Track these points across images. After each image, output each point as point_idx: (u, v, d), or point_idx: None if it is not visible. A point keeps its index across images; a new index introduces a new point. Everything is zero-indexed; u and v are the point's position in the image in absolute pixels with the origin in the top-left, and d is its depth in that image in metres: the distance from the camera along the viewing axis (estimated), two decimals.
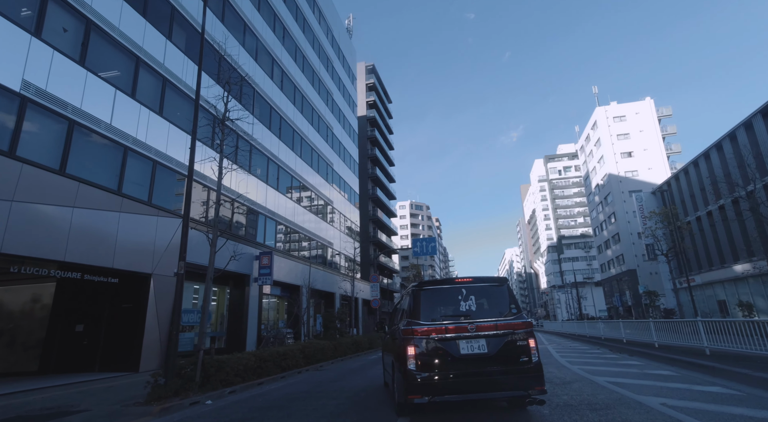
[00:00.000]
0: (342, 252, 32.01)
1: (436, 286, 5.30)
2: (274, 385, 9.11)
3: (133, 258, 12.08)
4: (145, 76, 13.66)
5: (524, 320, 4.87)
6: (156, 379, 7.26)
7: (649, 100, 52.03)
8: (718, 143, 29.83)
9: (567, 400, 5.59)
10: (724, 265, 30.21)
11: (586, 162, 61.93)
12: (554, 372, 8.54)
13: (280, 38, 24.97)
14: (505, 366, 4.50)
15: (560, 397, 5.83)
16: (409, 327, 4.93)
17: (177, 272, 7.85)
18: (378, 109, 54.44)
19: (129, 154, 12.64)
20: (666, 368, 8.51)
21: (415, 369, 4.58)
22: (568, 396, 5.86)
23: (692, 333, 10.19)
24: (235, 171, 18.58)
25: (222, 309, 18.40)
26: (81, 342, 12.75)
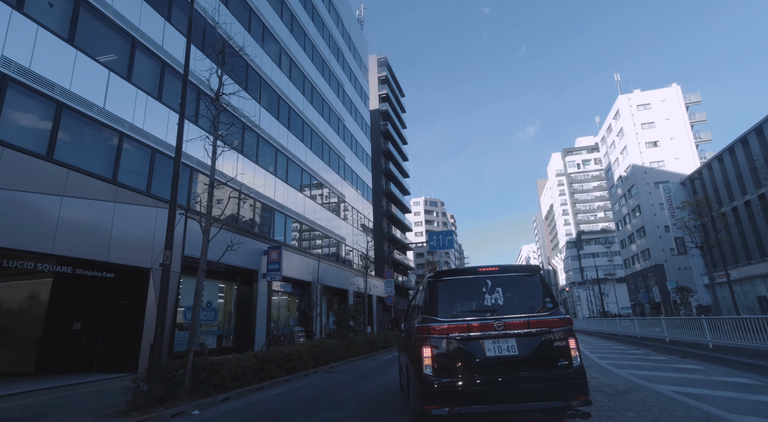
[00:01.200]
0: (355, 248, 31.05)
1: (456, 277, 4.42)
2: (276, 390, 8.14)
3: (130, 251, 11.28)
4: (142, 58, 12.86)
5: (562, 316, 4.00)
6: (138, 385, 6.35)
7: (676, 87, 49.47)
8: (757, 127, 27.70)
9: (634, 418, 4.40)
10: (764, 258, 28.11)
11: (607, 153, 59.51)
12: (599, 377, 7.33)
13: (288, 26, 24.06)
14: (539, 371, 3.78)
15: (621, 414, 4.65)
16: (424, 325, 4.08)
17: (162, 263, 6.92)
18: (391, 102, 53.29)
19: (125, 140, 11.85)
20: (739, 374, 7.20)
21: (432, 374, 3.82)
22: (632, 412, 4.67)
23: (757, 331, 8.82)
24: (241, 161, 17.80)
25: (229, 306, 17.62)
26: (78, 340, 12.05)
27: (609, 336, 21.18)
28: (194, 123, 14.53)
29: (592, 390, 5.92)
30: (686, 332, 12.47)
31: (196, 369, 7.09)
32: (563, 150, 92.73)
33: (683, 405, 4.86)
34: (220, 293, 17.48)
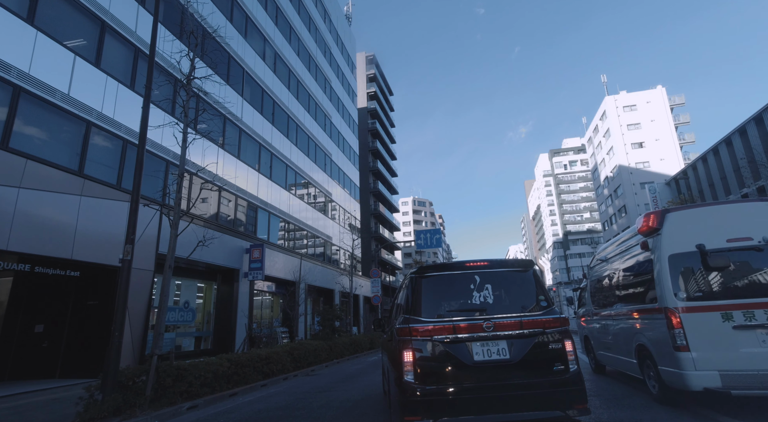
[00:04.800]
0: (342, 247, 30.47)
1: (441, 272, 4.01)
2: (250, 397, 7.56)
3: (97, 248, 10.54)
4: (113, 44, 12.10)
5: (557, 316, 3.66)
6: (92, 394, 5.72)
7: (661, 89, 50.09)
8: (741, 128, 28.01)
9: None
10: None
11: (594, 154, 60.04)
12: (594, 379, 6.94)
13: (273, 18, 23.37)
14: (533, 376, 3.47)
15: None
16: (406, 326, 3.67)
17: (122, 258, 6.30)
18: (379, 100, 52.81)
19: (93, 130, 11.10)
20: None
21: (414, 380, 3.43)
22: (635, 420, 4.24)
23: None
24: (222, 156, 17.10)
25: (209, 306, 16.89)
26: (41, 344, 11.24)
27: None
28: (170, 114, 13.80)
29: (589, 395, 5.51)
30: None
31: (160, 374, 6.48)
32: (550, 151, 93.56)
33: (691, 412, 4.47)
34: (199, 293, 16.75)
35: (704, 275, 4.88)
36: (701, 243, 4.92)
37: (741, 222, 5.07)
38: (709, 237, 4.97)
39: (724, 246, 4.91)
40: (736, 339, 4.43)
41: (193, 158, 14.29)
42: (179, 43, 14.10)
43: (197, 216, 14.93)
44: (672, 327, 4.65)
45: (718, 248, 4.89)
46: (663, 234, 5.21)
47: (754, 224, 4.97)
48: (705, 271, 4.86)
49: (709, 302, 4.67)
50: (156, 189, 12.95)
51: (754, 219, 5.02)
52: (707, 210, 5.41)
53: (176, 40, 14.18)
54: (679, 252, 5.04)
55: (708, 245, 4.89)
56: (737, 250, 4.88)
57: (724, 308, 4.58)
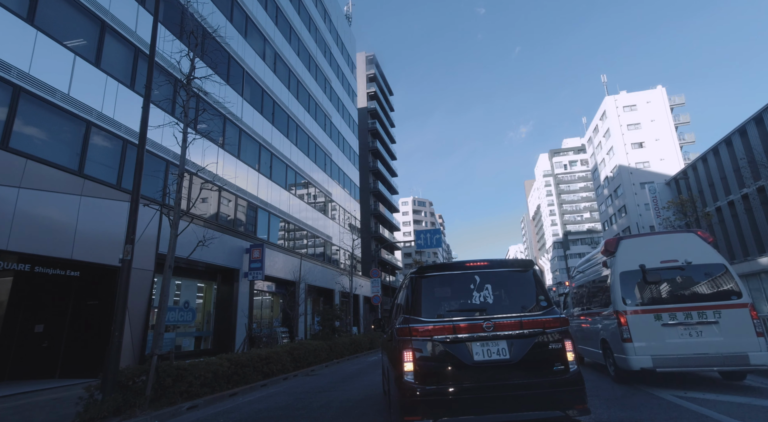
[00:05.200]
0: (342, 247, 30.46)
1: (441, 272, 4.01)
2: (250, 397, 7.56)
3: (97, 248, 10.54)
4: (113, 44, 12.10)
5: (557, 316, 3.66)
6: (92, 393, 5.72)
7: (661, 89, 50.09)
8: (741, 128, 28.00)
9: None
10: (747, 258, 28.41)
11: (594, 154, 60.04)
12: (593, 380, 6.94)
13: (273, 18, 23.37)
14: (533, 376, 3.47)
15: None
16: (405, 326, 3.67)
17: (122, 258, 6.29)
18: (379, 100, 52.80)
19: (93, 130, 11.10)
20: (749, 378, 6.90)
21: (414, 380, 3.44)
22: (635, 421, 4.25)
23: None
24: (222, 156, 17.10)
25: (209, 306, 16.89)
26: (41, 344, 11.24)
27: None
28: (170, 114, 13.80)
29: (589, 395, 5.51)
30: None
31: (160, 374, 6.48)
32: (550, 151, 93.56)
33: (689, 412, 4.47)
34: (199, 293, 16.75)
35: (644, 287, 6.59)
36: (643, 264, 6.68)
37: (670, 248, 6.82)
38: (648, 259, 6.69)
39: (658, 266, 6.64)
40: (664, 333, 6.15)
41: (194, 158, 14.29)
42: (179, 43, 14.10)
43: (197, 216, 14.93)
44: (621, 325, 6.35)
45: (654, 267, 6.64)
46: (617, 256, 7.00)
47: (679, 250, 6.74)
48: (644, 284, 6.58)
49: (646, 307, 6.41)
50: (156, 189, 12.96)
51: (680, 247, 6.79)
52: (648, 238, 7.25)
53: (176, 40, 14.18)
54: (628, 269, 6.75)
55: (647, 265, 6.65)
56: (667, 269, 6.61)
57: (656, 311, 6.32)
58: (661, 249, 6.81)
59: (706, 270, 6.52)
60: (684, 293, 6.43)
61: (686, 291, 6.45)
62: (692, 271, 6.53)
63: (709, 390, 5.78)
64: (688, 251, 6.69)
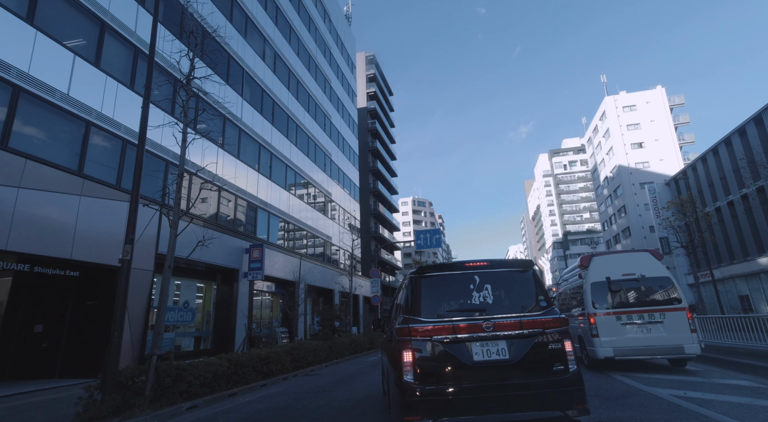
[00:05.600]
0: (341, 247, 30.46)
1: (440, 272, 4.01)
2: (250, 397, 7.55)
3: (96, 248, 10.53)
4: (112, 43, 12.10)
5: (557, 316, 3.65)
6: (91, 394, 5.71)
7: (661, 89, 50.11)
8: (741, 128, 28.02)
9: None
10: (746, 258, 28.44)
11: (593, 154, 60.06)
12: (593, 380, 6.95)
13: (273, 18, 23.37)
14: (533, 376, 3.47)
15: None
16: (405, 327, 3.66)
17: (122, 258, 6.29)
18: (379, 100, 52.80)
19: (92, 130, 11.09)
20: (739, 376, 6.88)
21: (413, 381, 3.44)
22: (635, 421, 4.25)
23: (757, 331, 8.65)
24: (222, 156, 17.10)
25: (208, 306, 16.89)
26: (40, 344, 11.23)
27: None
28: (170, 114, 13.80)
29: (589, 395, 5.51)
30: None
31: (159, 374, 6.48)
32: (550, 151, 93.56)
33: (689, 412, 4.47)
34: (199, 293, 16.74)
35: (608, 294, 8.32)
36: (608, 276, 8.43)
37: (630, 264, 8.51)
38: (613, 272, 8.42)
39: (621, 278, 8.37)
40: (623, 330, 7.91)
41: (193, 158, 14.29)
42: (179, 43, 14.10)
43: (197, 216, 14.93)
44: (590, 324, 8.00)
45: (617, 279, 8.40)
46: (589, 270, 8.72)
47: (637, 265, 8.46)
48: (609, 293, 8.32)
49: (610, 310, 8.13)
50: (156, 189, 12.95)
51: (637, 263, 8.50)
52: (613, 256, 9.08)
53: (176, 40, 14.18)
54: (597, 280, 8.47)
55: (612, 277, 8.40)
56: (626, 280, 8.35)
57: (617, 313, 8.05)
58: (622, 265, 8.52)
59: (656, 282, 8.24)
60: (639, 299, 8.14)
61: (640, 297, 8.15)
62: (646, 282, 8.25)
63: (709, 390, 5.79)
64: (643, 266, 8.40)
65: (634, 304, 8.05)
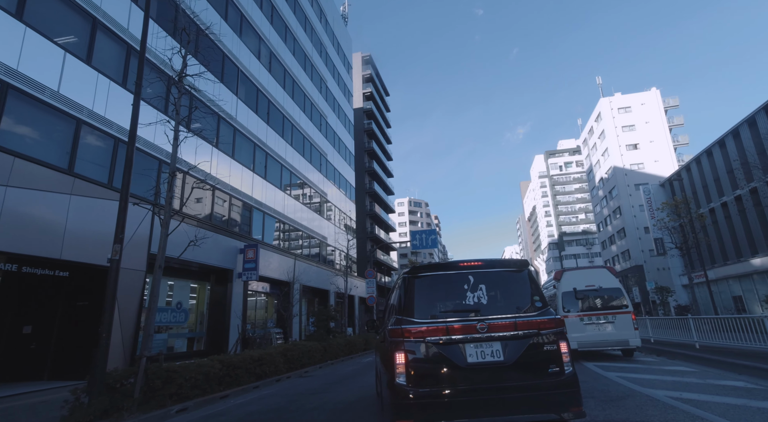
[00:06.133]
0: (337, 247, 30.34)
1: (434, 272, 3.93)
2: (242, 399, 7.44)
3: (87, 248, 10.36)
4: (104, 41, 11.95)
5: (552, 317, 3.58)
6: (78, 396, 5.58)
7: (655, 91, 50.43)
8: (734, 130, 28.21)
9: None
10: (740, 259, 28.62)
11: (589, 155, 60.33)
12: (588, 381, 6.90)
13: (268, 17, 23.25)
14: (527, 378, 3.40)
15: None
16: (398, 327, 3.58)
17: (110, 257, 6.16)
18: (375, 101, 52.74)
19: (83, 128, 10.94)
20: (734, 377, 6.84)
21: (406, 383, 3.36)
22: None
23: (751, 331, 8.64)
24: (216, 155, 16.95)
25: (202, 307, 16.72)
26: (29, 345, 11.04)
27: None
28: (163, 112, 13.64)
29: (584, 396, 5.45)
30: (672, 332, 12.32)
31: (149, 376, 6.36)
32: (546, 152, 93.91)
33: (685, 414, 4.42)
34: (192, 293, 16.58)
35: (574, 302, 10.52)
36: (575, 287, 10.64)
37: (591, 278, 10.74)
38: (578, 284, 10.62)
39: (584, 289, 10.57)
40: (584, 328, 10.10)
41: (187, 157, 14.15)
42: (172, 40, 13.95)
43: (191, 216, 14.78)
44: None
45: (581, 289, 10.61)
46: (561, 282, 10.88)
47: (597, 279, 10.71)
48: (575, 300, 10.54)
49: (575, 313, 10.31)
50: (148, 188, 12.79)
51: (597, 277, 10.76)
52: (579, 271, 11.22)
53: (169, 37, 14.03)
54: (566, 290, 10.66)
55: (577, 288, 10.61)
56: (588, 290, 10.56)
57: (581, 316, 10.26)
58: (586, 278, 10.71)
59: (610, 292, 10.49)
60: (597, 304, 10.35)
61: (598, 303, 10.38)
62: (603, 292, 10.47)
63: (705, 391, 5.75)
64: (601, 280, 10.65)
65: (593, 309, 10.29)
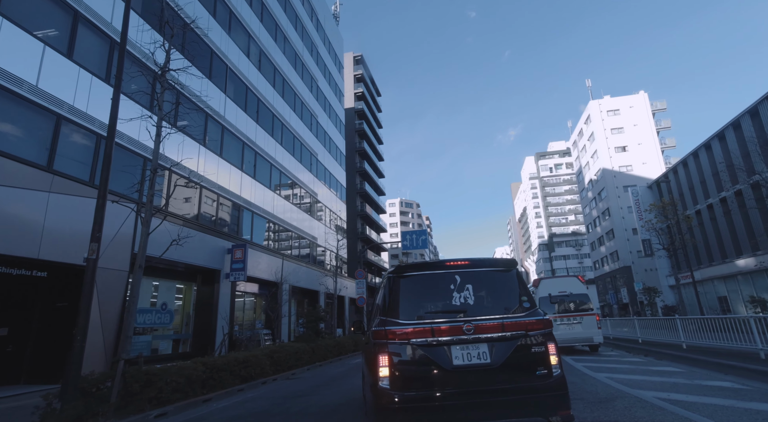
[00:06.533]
0: (327, 248, 30.11)
1: (419, 272, 3.81)
2: (225, 402, 7.24)
3: (66, 247, 10.05)
4: (87, 35, 11.63)
5: (540, 317, 3.49)
6: (50, 402, 5.35)
7: (643, 94, 51.12)
8: (720, 133, 28.66)
9: None
10: (725, 260, 29.06)
11: (578, 157, 60.92)
12: (577, 382, 6.84)
13: (258, 14, 22.98)
14: (515, 381, 3.31)
15: None
16: (382, 329, 3.45)
17: (87, 257, 5.93)
18: (366, 101, 52.60)
19: (63, 124, 10.62)
20: (721, 377, 6.85)
21: (389, 387, 3.24)
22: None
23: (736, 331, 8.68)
24: (204, 154, 16.66)
25: (188, 308, 16.39)
26: (5, 348, 10.66)
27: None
28: (148, 108, 13.34)
29: (572, 398, 5.38)
30: (659, 332, 12.43)
31: (127, 380, 6.13)
32: (536, 154, 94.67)
33: (674, 415, 4.36)
34: (178, 294, 16.24)
35: (550, 305, 12.32)
36: (550, 293, 12.60)
37: (563, 285, 12.80)
38: (553, 290, 12.57)
39: (557, 294, 12.49)
40: (558, 327, 11.70)
41: (173, 155, 13.86)
42: (157, 34, 13.66)
43: (177, 215, 14.48)
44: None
45: (555, 295, 12.54)
46: (538, 289, 12.83)
47: (568, 286, 12.76)
48: (551, 304, 12.36)
49: (551, 315, 11.81)
50: (132, 186, 12.48)
51: (568, 284, 12.80)
52: (553, 279, 13.30)
53: (153, 32, 13.73)
54: (543, 296, 12.51)
55: (552, 293, 12.57)
56: (561, 296, 12.46)
57: (555, 317, 12.04)
58: (559, 286, 12.74)
59: (579, 297, 12.49)
60: (570, 308, 12.17)
61: (571, 307, 12.20)
62: (573, 297, 12.44)
63: (692, 392, 5.73)
64: (572, 287, 12.71)
65: (567, 311, 12.18)
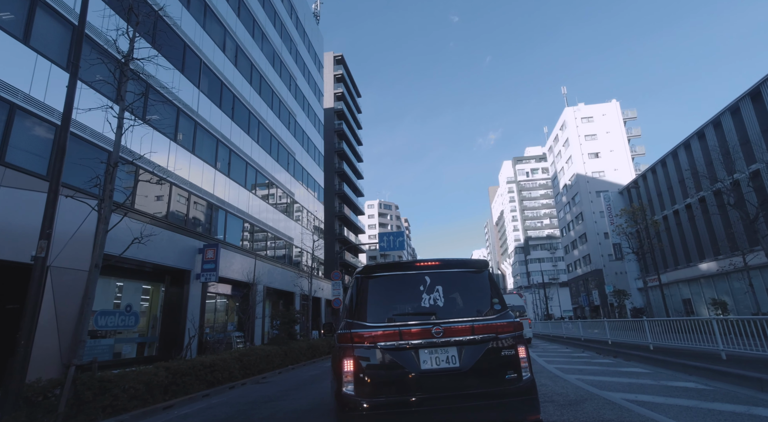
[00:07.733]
0: (304, 248, 29.65)
1: (388, 272, 3.65)
2: (187, 409, 6.88)
3: (18, 245, 9.39)
4: (46, 20, 10.98)
5: (511, 320, 3.40)
6: None
7: (615, 102, 52.87)
8: (686, 142, 29.86)
9: None
10: (689, 264, 30.25)
11: (554, 162, 62.40)
12: (548, 384, 6.84)
13: (235, 9, 22.43)
14: (484, 386, 3.22)
15: None
16: (347, 332, 3.29)
17: (35, 255, 5.51)
18: (346, 101, 52.30)
19: (17, 113, 9.96)
20: (685, 378, 7.00)
21: (354, 393, 3.10)
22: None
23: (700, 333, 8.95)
24: (174, 150, 16.05)
25: (155, 310, 15.71)
26: None
27: (554, 339, 21.56)
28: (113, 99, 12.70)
29: (543, 401, 5.36)
30: (628, 334, 12.67)
31: (78, 387, 5.72)
32: (514, 158, 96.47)
33: (641, 417, 4.37)
34: (145, 295, 15.54)
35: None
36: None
37: (509, 299, 18.78)
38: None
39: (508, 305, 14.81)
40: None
41: (141, 151, 13.26)
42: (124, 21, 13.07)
43: (145, 213, 13.87)
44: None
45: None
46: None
47: (512, 300, 19.06)
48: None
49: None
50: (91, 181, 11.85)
51: (512, 298, 19.36)
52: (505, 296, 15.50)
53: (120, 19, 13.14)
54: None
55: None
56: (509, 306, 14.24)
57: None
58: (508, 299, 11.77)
59: (518, 308, 17.22)
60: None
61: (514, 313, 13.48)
62: (515, 308, 16.22)
63: (659, 393, 5.80)
64: (513, 301, 18.24)
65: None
